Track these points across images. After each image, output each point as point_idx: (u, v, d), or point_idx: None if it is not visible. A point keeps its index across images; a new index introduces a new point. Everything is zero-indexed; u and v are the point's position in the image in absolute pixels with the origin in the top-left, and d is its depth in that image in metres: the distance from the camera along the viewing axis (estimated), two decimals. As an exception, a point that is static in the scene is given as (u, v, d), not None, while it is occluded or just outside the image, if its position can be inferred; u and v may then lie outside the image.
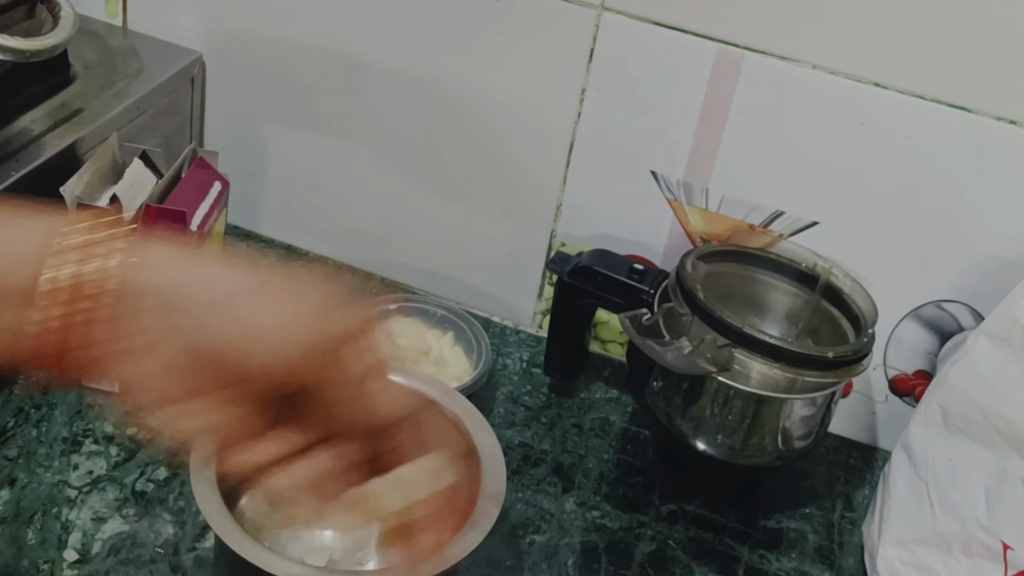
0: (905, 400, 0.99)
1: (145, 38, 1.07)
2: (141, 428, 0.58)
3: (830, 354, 0.84)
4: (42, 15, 0.94)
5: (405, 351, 0.94)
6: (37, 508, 0.81)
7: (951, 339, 0.94)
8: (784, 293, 0.94)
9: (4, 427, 0.86)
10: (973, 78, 0.85)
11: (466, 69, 0.98)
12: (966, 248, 0.91)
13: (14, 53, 0.87)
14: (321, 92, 1.04)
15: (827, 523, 0.93)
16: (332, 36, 1.01)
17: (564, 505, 0.90)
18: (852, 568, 0.89)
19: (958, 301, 0.93)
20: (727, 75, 0.91)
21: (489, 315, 1.09)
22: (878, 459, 1.01)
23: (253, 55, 1.05)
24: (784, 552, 0.90)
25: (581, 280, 0.93)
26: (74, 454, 0.86)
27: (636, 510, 0.91)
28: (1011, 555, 0.78)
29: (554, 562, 0.85)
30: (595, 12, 0.92)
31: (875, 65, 0.87)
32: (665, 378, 0.89)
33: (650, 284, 0.91)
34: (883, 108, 0.88)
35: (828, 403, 0.88)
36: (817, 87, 0.89)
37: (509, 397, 1.00)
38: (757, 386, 0.85)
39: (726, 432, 0.87)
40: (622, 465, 0.95)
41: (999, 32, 0.83)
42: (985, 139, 0.87)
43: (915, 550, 0.84)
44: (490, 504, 0.73)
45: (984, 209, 0.89)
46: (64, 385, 0.54)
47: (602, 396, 1.02)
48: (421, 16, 0.98)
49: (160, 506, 0.83)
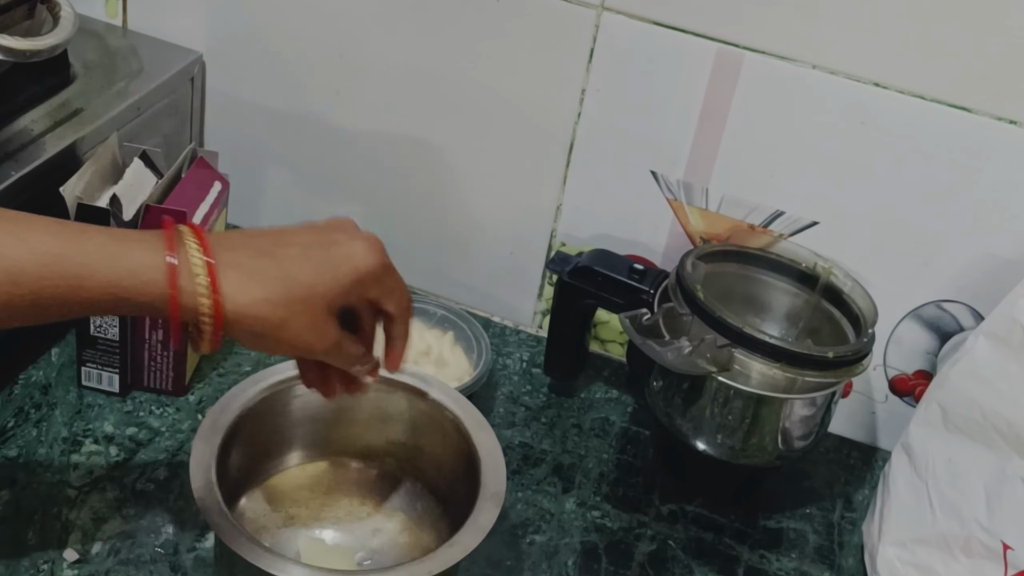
0: (905, 400, 0.99)
1: (145, 38, 1.07)
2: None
3: (830, 354, 0.84)
4: (42, 15, 0.94)
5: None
6: (37, 508, 0.81)
7: (951, 339, 0.94)
8: (784, 293, 0.94)
9: (4, 427, 0.86)
10: (973, 78, 0.85)
11: (466, 69, 0.98)
12: (966, 248, 0.91)
13: (14, 53, 0.87)
14: (321, 92, 1.04)
15: (827, 523, 0.93)
16: (332, 36, 1.01)
17: (564, 505, 0.90)
18: (852, 568, 0.89)
19: (958, 301, 0.93)
20: (727, 75, 0.91)
21: (489, 315, 1.09)
22: (878, 459, 1.01)
23: (253, 55, 1.05)
24: (784, 552, 0.90)
25: (581, 280, 0.93)
26: (74, 454, 0.86)
27: (636, 510, 0.91)
28: (1011, 555, 0.78)
29: (554, 562, 0.85)
30: (595, 12, 0.92)
31: (875, 65, 0.87)
32: (665, 378, 0.89)
33: (650, 284, 0.91)
34: (883, 108, 0.88)
35: (828, 403, 0.88)
36: (817, 87, 0.89)
37: (509, 397, 1.00)
38: (757, 386, 0.85)
39: (726, 432, 0.87)
40: (622, 465, 0.95)
41: (999, 32, 0.83)
42: (985, 139, 0.87)
43: (915, 550, 0.84)
44: (490, 504, 0.73)
45: (984, 209, 0.89)
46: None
47: (602, 396, 1.02)
48: (421, 16, 0.98)
49: (160, 506, 0.83)
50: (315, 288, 0.65)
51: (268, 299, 0.64)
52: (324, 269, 0.65)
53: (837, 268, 0.92)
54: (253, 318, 0.64)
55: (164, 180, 0.88)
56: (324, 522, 0.82)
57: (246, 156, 1.09)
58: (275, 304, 0.64)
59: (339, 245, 0.67)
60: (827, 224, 0.94)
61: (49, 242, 0.61)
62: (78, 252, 0.62)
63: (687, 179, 0.96)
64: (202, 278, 0.62)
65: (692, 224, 0.98)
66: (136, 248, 0.63)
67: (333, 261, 0.66)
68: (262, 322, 0.64)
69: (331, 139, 1.06)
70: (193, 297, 0.62)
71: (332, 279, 0.66)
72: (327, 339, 0.66)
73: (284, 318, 0.64)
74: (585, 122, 0.97)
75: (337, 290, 0.66)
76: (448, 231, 1.07)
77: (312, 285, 0.65)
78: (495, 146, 1.01)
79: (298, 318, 0.64)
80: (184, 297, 0.62)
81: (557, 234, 1.03)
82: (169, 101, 1.04)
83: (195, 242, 0.64)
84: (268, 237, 0.67)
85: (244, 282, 0.63)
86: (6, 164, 0.87)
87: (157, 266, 0.62)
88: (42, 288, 0.61)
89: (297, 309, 0.64)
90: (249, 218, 1.12)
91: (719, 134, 0.93)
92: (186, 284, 0.62)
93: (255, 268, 0.64)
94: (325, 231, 0.68)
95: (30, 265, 0.60)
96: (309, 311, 0.65)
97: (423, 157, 1.04)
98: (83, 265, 0.61)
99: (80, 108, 0.95)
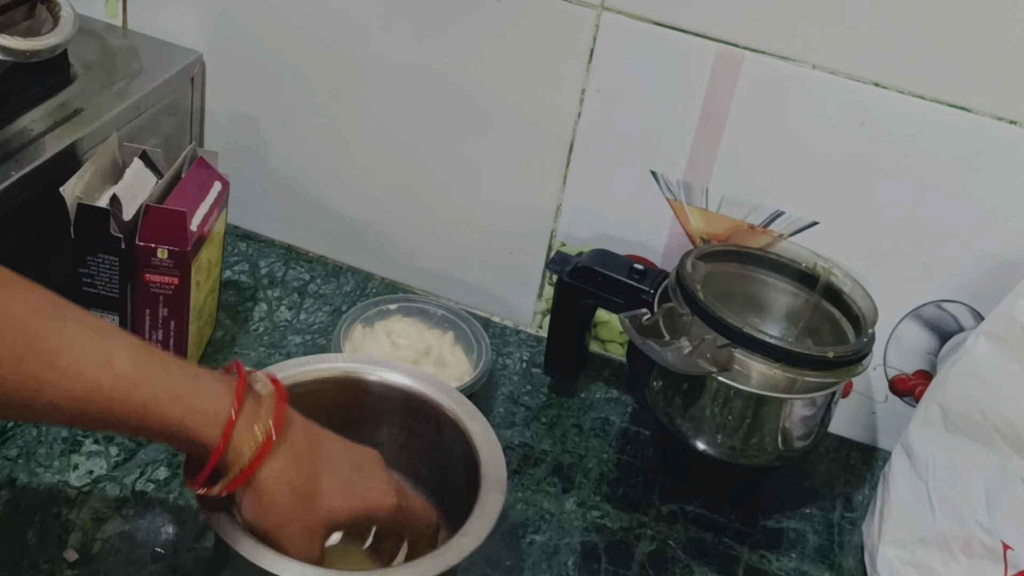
0: (905, 400, 0.99)
1: (145, 38, 1.07)
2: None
3: (830, 354, 0.84)
4: (42, 15, 0.94)
5: (405, 351, 0.94)
6: (37, 508, 0.81)
7: (951, 339, 0.94)
8: (784, 293, 0.94)
9: (4, 427, 0.86)
10: (973, 78, 0.85)
11: (466, 69, 0.98)
12: (966, 248, 0.91)
13: (14, 53, 0.87)
14: (321, 92, 1.04)
15: (827, 523, 0.93)
16: (332, 36, 1.01)
17: (564, 505, 0.90)
18: (852, 568, 0.89)
19: (958, 301, 0.93)
20: (727, 75, 0.91)
21: (489, 315, 1.09)
22: (878, 459, 1.01)
23: (253, 55, 1.05)
24: (784, 552, 0.90)
25: (581, 280, 0.93)
26: (74, 454, 0.86)
27: (636, 510, 0.91)
28: (1011, 555, 0.78)
29: (554, 562, 0.85)
30: (595, 12, 0.92)
31: (875, 65, 0.87)
32: (665, 378, 0.89)
33: (650, 284, 0.91)
34: (883, 108, 0.88)
35: (828, 403, 0.88)
36: (817, 87, 0.89)
37: (509, 397, 1.00)
38: (757, 386, 0.85)
39: (726, 432, 0.87)
40: (622, 465, 0.95)
41: (999, 32, 0.83)
42: (985, 139, 0.87)
43: (915, 550, 0.84)
44: (495, 492, 0.73)
45: (984, 209, 0.89)
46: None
47: (602, 396, 1.02)
48: (421, 16, 0.98)
49: (160, 506, 0.83)
50: (323, 506, 0.68)
51: (288, 491, 0.67)
52: (342, 493, 0.69)
53: (837, 268, 0.92)
54: (267, 499, 0.67)
55: (164, 180, 0.88)
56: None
57: (246, 156, 1.09)
58: (290, 500, 0.67)
59: (365, 479, 0.71)
60: (827, 224, 0.94)
61: (130, 370, 0.63)
62: (154, 386, 0.64)
63: (687, 179, 0.96)
64: (259, 437, 0.65)
65: (692, 224, 0.98)
66: (207, 393, 0.66)
67: (353, 492, 0.70)
68: (267, 507, 0.67)
69: (331, 139, 1.06)
70: (240, 450, 0.65)
71: (343, 506, 0.69)
72: (306, 555, 0.68)
73: (286, 520, 0.67)
74: (585, 122, 0.97)
75: (340, 518, 0.69)
76: (448, 231, 1.07)
77: (323, 504, 0.68)
78: (495, 146, 1.01)
79: (294, 529, 0.68)
80: (233, 443, 0.65)
81: (557, 234, 1.03)
82: (169, 101, 1.04)
83: (270, 407, 0.67)
84: (313, 436, 0.70)
85: (281, 464, 0.67)
86: (6, 164, 0.87)
87: (221, 413, 0.65)
88: (109, 412, 0.63)
89: (299, 516, 0.68)
90: (249, 218, 1.12)
91: (719, 134, 0.93)
92: (239, 437, 0.65)
93: (296, 457, 0.67)
94: (359, 459, 0.72)
95: (106, 390, 0.62)
96: (306, 526, 0.68)
97: (423, 157, 1.04)
98: (154, 396, 0.63)
99: (80, 108, 0.95)
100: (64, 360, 0.61)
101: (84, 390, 0.62)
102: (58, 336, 0.61)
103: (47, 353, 0.61)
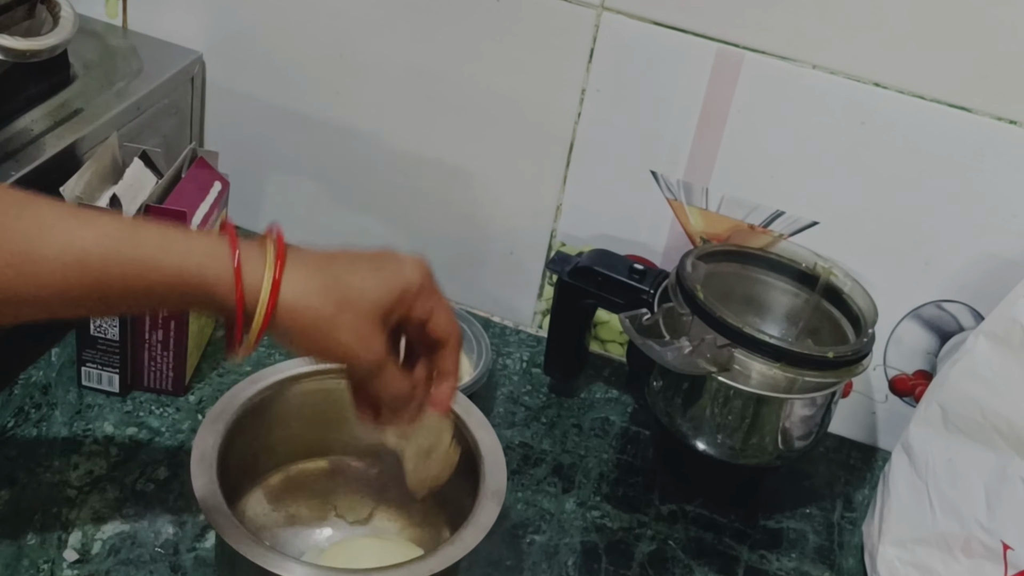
0: (905, 400, 0.99)
1: (145, 38, 1.07)
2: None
3: (830, 354, 0.84)
4: (42, 15, 0.94)
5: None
6: (37, 508, 0.81)
7: (951, 339, 0.94)
8: (784, 293, 0.94)
9: (4, 427, 0.86)
10: (973, 78, 0.85)
11: (466, 69, 0.98)
12: (966, 248, 0.91)
13: (14, 53, 0.87)
14: (321, 91, 1.04)
15: (827, 523, 0.93)
16: (332, 36, 1.01)
17: (564, 505, 0.90)
18: (852, 568, 0.89)
19: (958, 301, 0.93)
20: (727, 75, 0.91)
21: (489, 315, 1.09)
22: (878, 459, 1.01)
23: (253, 55, 1.05)
24: (784, 552, 0.90)
25: (581, 280, 0.93)
26: (74, 454, 0.86)
27: (636, 510, 0.91)
28: (1011, 555, 0.78)
29: (554, 562, 0.85)
30: (595, 12, 0.92)
31: (875, 65, 0.87)
32: (665, 378, 0.89)
33: (650, 284, 0.91)
34: (883, 108, 0.88)
35: (828, 403, 0.88)
36: (817, 87, 0.89)
37: (509, 397, 1.00)
38: (757, 386, 0.85)
39: (726, 432, 0.87)
40: (622, 465, 0.95)
41: (999, 32, 0.83)
42: (985, 139, 0.87)
43: (915, 550, 0.84)
44: (491, 503, 0.73)
45: (984, 209, 0.89)
46: None
47: (602, 396, 1.02)
48: (421, 16, 0.98)
49: (160, 506, 0.83)
50: (365, 292, 0.65)
51: (321, 292, 0.64)
52: (374, 276, 0.66)
53: (837, 268, 0.92)
54: (304, 308, 0.64)
55: (164, 180, 0.88)
56: (324, 522, 0.82)
57: (246, 156, 1.09)
58: (327, 299, 0.64)
59: (388, 260, 0.68)
60: (827, 224, 0.94)
61: (116, 227, 0.62)
62: (143, 238, 0.63)
63: (687, 179, 0.96)
64: (269, 266, 0.64)
65: (692, 224, 0.98)
66: (201, 238, 0.65)
67: (383, 272, 0.67)
68: (313, 314, 0.64)
69: (331, 139, 1.06)
70: (255, 280, 0.63)
71: (381, 285, 0.66)
72: (372, 351, 0.66)
73: (334, 314, 0.64)
74: (585, 122, 0.97)
75: (386, 298, 0.66)
76: (448, 231, 1.07)
77: (362, 289, 0.65)
78: (495, 146, 1.01)
79: (347, 318, 0.65)
80: (247, 278, 0.63)
81: (557, 234, 1.03)
82: (169, 101, 1.03)
83: (273, 240, 0.66)
84: (323, 252, 0.68)
85: (302, 273, 0.64)
86: (6, 164, 0.87)
87: (222, 254, 0.64)
88: (108, 273, 0.61)
89: (347, 308, 0.65)
90: (249, 218, 1.12)
91: (719, 134, 0.93)
92: (250, 268, 0.63)
93: (315, 265, 0.66)
94: (374, 252, 0.69)
95: (97, 248, 0.61)
96: (358, 314, 0.65)
97: (423, 157, 1.04)
98: (147, 250, 0.62)
99: (80, 108, 0.95)
100: (50, 234, 0.60)
101: (75, 254, 0.61)
102: (37, 214, 0.61)
103: (31, 231, 0.60)
